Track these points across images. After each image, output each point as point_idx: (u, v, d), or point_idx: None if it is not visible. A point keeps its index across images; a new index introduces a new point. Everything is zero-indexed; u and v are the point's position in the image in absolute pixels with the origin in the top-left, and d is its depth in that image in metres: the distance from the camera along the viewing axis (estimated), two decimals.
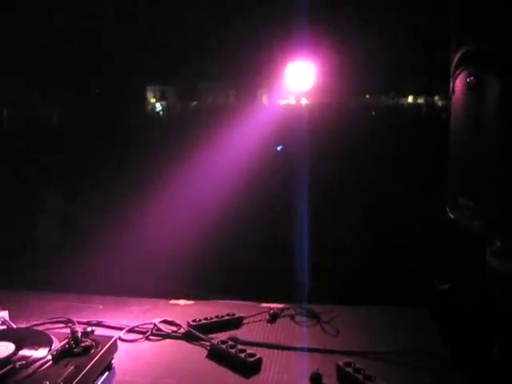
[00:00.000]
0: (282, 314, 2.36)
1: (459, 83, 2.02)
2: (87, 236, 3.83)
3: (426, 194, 4.04)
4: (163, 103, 20.49)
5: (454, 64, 2.05)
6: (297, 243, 3.23)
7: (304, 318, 2.34)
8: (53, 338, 1.86)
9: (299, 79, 3.09)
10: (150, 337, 2.20)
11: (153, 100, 20.09)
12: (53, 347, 1.79)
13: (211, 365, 1.98)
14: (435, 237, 3.57)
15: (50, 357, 1.73)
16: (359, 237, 4.06)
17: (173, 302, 2.57)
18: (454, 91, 2.08)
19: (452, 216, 2.08)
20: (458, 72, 2.01)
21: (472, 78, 1.90)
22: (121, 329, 2.24)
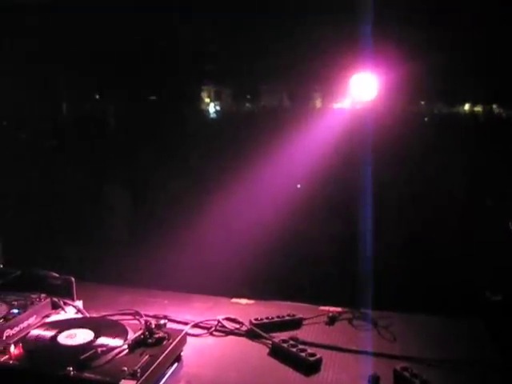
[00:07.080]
0: (341, 318, 2.45)
1: None
2: (150, 235, 3.99)
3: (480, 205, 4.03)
4: (217, 104, 20.69)
5: None
6: (358, 250, 3.30)
7: (362, 322, 2.42)
8: (128, 328, 2.00)
9: (363, 89, 3.17)
10: (214, 332, 2.33)
11: (207, 100, 20.35)
12: (128, 337, 1.92)
13: (273, 362, 2.09)
14: (490, 248, 3.57)
15: (126, 346, 1.87)
16: (413, 247, 4.08)
17: (234, 300, 2.70)
18: None
19: None
20: None
21: None
22: (186, 323, 2.36)
